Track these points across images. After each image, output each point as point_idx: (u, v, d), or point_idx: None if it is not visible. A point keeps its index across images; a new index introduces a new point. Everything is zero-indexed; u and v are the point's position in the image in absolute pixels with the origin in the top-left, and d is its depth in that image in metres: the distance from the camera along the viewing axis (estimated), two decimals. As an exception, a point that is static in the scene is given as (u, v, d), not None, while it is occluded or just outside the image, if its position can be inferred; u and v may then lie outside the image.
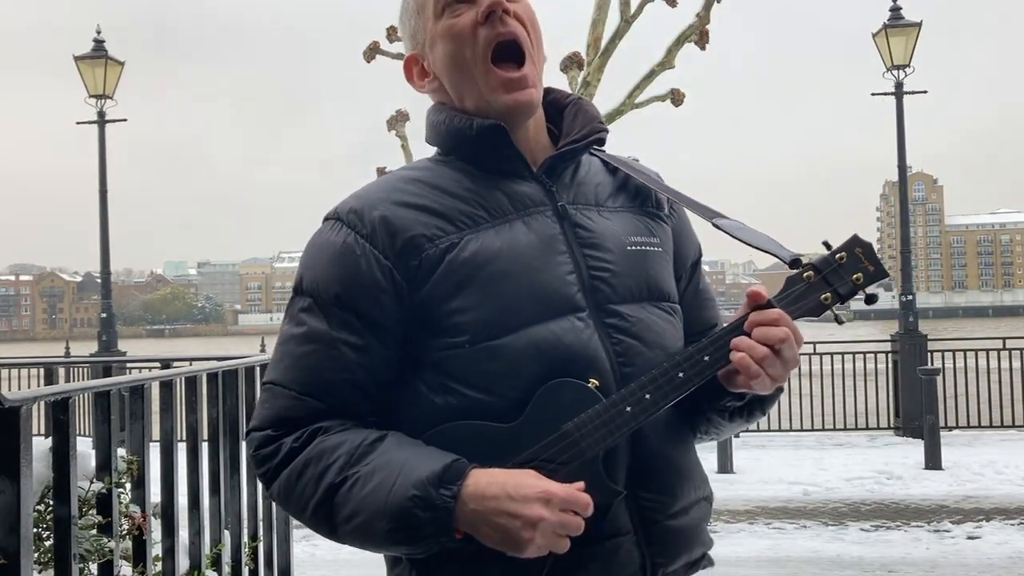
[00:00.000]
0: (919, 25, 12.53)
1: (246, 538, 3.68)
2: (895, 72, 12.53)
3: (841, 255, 1.35)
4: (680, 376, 1.29)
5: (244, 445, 3.68)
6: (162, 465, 3.01)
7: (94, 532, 2.50)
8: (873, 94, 13.05)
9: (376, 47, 11.41)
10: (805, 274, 1.35)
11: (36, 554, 2.36)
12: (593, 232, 1.39)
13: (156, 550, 2.96)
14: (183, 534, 3.17)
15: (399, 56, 11.66)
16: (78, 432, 2.42)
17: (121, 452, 2.70)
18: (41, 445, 2.29)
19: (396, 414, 1.33)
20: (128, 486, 2.76)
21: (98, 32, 13.90)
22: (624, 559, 1.32)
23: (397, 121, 12.05)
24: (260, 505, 3.82)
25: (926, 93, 12.84)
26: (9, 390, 2.44)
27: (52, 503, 2.33)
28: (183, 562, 3.13)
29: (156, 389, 3.04)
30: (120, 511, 2.68)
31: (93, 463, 2.61)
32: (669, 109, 9.99)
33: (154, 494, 2.96)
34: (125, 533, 2.74)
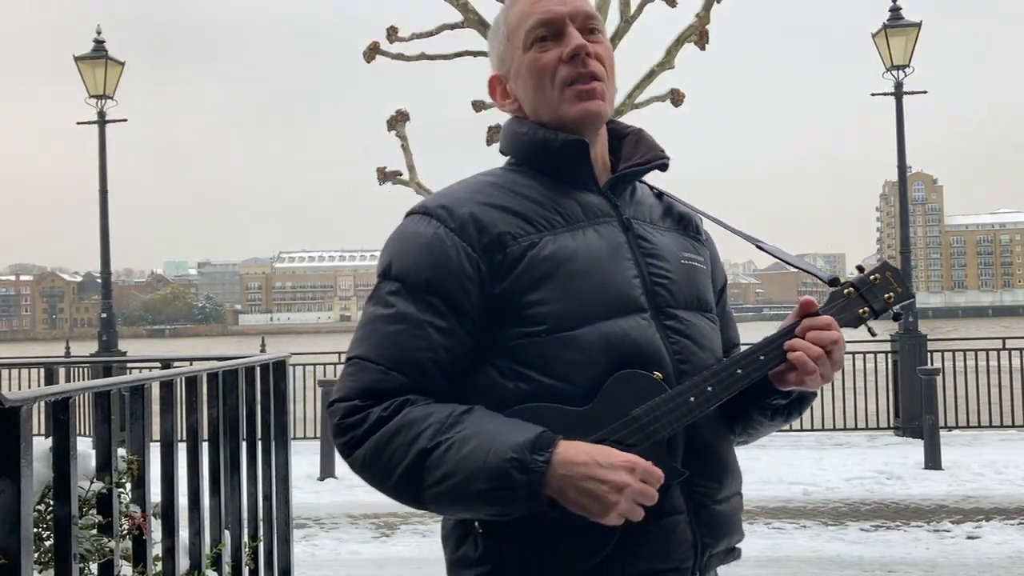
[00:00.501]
0: (919, 25, 12.53)
1: (246, 538, 3.68)
2: (895, 72, 12.54)
3: (875, 277, 1.56)
4: (739, 372, 1.46)
5: (244, 445, 3.70)
6: (162, 465, 3.00)
7: (94, 532, 2.50)
8: (873, 94, 13.06)
9: (376, 47, 11.41)
10: (846, 291, 1.55)
11: (36, 554, 2.36)
12: (654, 244, 1.55)
13: (156, 550, 2.96)
14: (183, 534, 3.17)
15: (399, 56, 11.65)
16: (78, 432, 2.42)
17: (121, 452, 2.70)
18: (41, 445, 2.30)
19: (468, 397, 1.43)
20: (128, 486, 2.76)
21: (98, 32, 13.91)
22: (680, 537, 1.44)
23: (397, 121, 12.04)
24: (260, 505, 3.82)
25: (926, 93, 12.85)
26: (9, 390, 2.44)
27: (52, 503, 2.33)
28: (183, 562, 3.13)
29: (156, 389, 3.03)
30: (120, 511, 2.68)
31: (93, 463, 2.61)
32: (669, 109, 9.99)
33: (154, 494, 2.96)
34: (125, 533, 2.74)
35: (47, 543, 2.40)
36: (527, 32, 1.56)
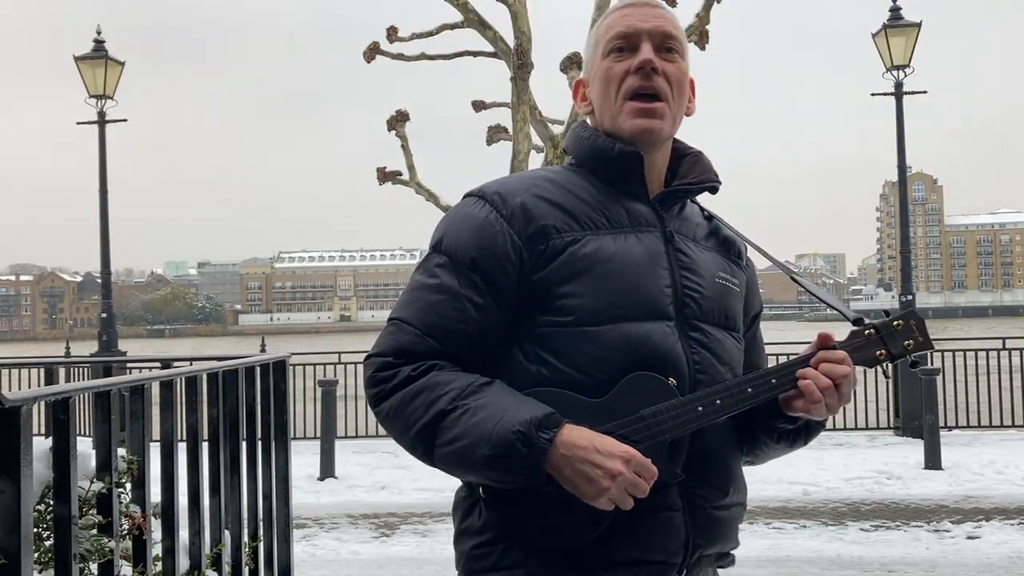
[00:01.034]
0: (919, 25, 12.54)
1: (246, 538, 3.68)
2: (895, 72, 12.55)
3: (899, 323, 1.62)
4: (749, 391, 1.53)
5: (244, 445, 3.70)
6: (162, 465, 3.00)
7: (94, 532, 2.50)
8: (873, 94, 13.08)
9: (376, 47, 11.42)
10: (867, 332, 1.61)
11: (36, 554, 2.36)
12: (691, 259, 1.63)
13: (156, 550, 2.96)
14: (183, 534, 3.17)
15: (399, 56, 11.67)
16: (78, 432, 2.42)
17: (121, 452, 2.70)
18: (41, 445, 2.29)
19: (493, 372, 1.53)
20: (128, 486, 2.76)
21: (98, 32, 13.92)
22: (672, 533, 1.52)
23: (397, 121, 12.05)
24: (260, 505, 3.82)
25: (926, 93, 12.86)
26: (9, 390, 2.44)
27: (52, 503, 2.32)
28: (183, 562, 3.13)
29: (156, 389, 3.03)
30: (120, 511, 2.68)
31: (93, 463, 2.61)
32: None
33: (154, 494, 2.96)
34: (125, 533, 2.74)
35: (47, 543, 2.40)
36: (607, 42, 1.66)
